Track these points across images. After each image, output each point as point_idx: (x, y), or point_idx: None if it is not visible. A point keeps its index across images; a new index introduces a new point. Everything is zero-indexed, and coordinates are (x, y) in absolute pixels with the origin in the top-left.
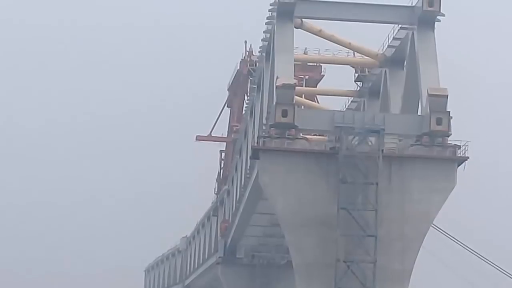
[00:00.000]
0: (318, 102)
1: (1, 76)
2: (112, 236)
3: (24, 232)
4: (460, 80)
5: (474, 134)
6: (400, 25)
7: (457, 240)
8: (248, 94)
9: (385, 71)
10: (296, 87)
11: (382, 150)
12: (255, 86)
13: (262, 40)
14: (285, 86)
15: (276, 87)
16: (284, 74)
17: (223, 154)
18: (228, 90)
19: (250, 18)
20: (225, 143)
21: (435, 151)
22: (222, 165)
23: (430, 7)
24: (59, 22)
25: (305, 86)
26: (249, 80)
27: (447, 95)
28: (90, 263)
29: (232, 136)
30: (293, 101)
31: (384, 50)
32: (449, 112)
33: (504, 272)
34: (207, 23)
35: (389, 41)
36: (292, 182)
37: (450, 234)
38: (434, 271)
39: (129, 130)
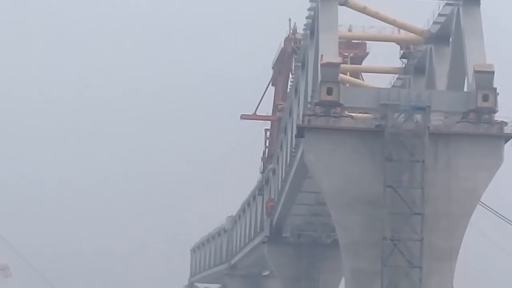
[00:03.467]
0: (363, 80)
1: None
2: (158, 216)
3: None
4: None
5: None
6: (445, 1)
7: (504, 217)
8: (293, 72)
9: (431, 47)
10: (341, 65)
11: (428, 127)
12: (300, 64)
13: (306, 18)
14: (329, 64)
15: (321, 65)
16: (329, 52)
17: (268, 133)
18: (272, 68)
19: None
20: (270, 121)
21: (481, 128)
22: (267, 144)
23: None
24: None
25: (350, 64)
26: (293, 58)
27: (494, 71)
28: (137, 242)
29: (277, 114)
30: (338, 79)
31: (429, 26)
32: (496, 88)
33: None
34: (251, 2)
35: (435, 17)
36: (338, 161)
37: (497, 211)
38: (482, 248)
39: (174, 108)
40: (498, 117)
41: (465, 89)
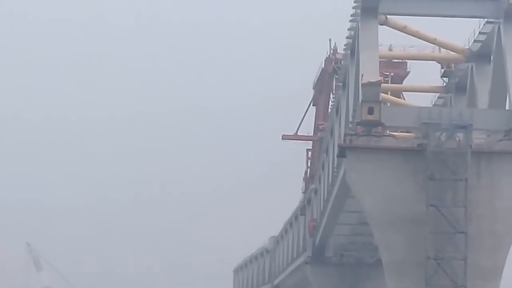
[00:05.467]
0: (404, 99)
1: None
2: (202, 236)
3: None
4: None
5: None
6: (486, 19)
7: None
8: (334, 92)
9: (472, 66)
10: (382, 84)
11: (471, 146)
12: (341, 84)
13: (346, 38)
14: (370, 84)
15: (362, 84)
16: (370, 71)
17: (310, 153)
18: (313, 88)
19: (335, 15)
20: (311, 141)
21: None
22: (308, 164)
23: None
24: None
25: (391, 83)
26: (334, 78)
27: None
28: (180, 262)
29: (318, 134)
30: (379, 98)
31: (470, 44)
32: None
33: None
34: (292, 22)
35: (475, 36)
36: (380, 180)
37: None
38: None
39: (217, 128)
40: None
41: (507, 107)
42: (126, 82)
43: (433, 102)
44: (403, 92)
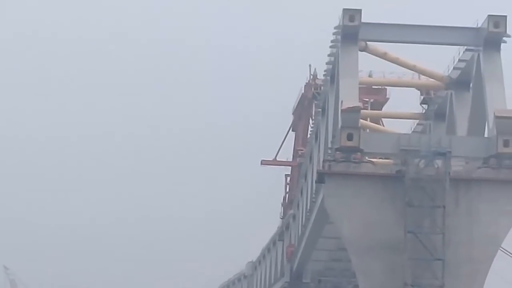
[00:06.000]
0: (383, 125)
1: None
2: (177, 261)
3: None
4: None
5: None
6: (465, 47)
7: None
8: (313, 118)
9: (451, 93)
10: (361, 110)
11: (449, 173)
12: (320, 109)
13: (326, 64)
14: (350, 110)
15: (341, 110)
16: (349, 97)
17: (288, 178)
18: (292, 114)
19: (314, 41)
20: (290, 167)
21: (502, 173)
22: (287, 189)
23: (496, 28)
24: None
25: (370, 109)
26: (313, 104)
27: None
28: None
29: (297, 160)
30: (358, 124)
31: (449, 72)
32: None
33: None
34: (272, 48)
35: (455, 63)
36: (358, 206)
37: None
38: None
39: (193, 153)
40: None
41: (486, 135)
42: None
43: (412, 129)
44: (383, 119)
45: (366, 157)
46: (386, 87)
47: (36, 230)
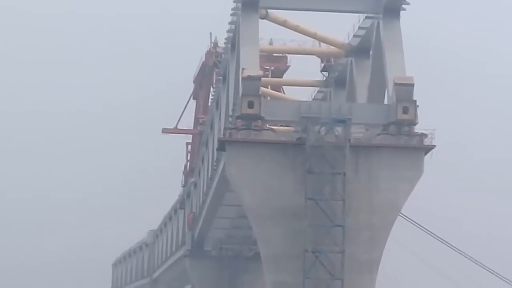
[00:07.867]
0: (284, 93)
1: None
2: (79, 229)
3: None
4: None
5: (440, 122)
6: (365, 15)
7: (424, 228)
8: (214, 86)
9: (351, 60)
10: (262, 78)
11: (349, 140)
12: (221, 77)
13: (227, 32)
14: (250, 78)
15: (242, 78)
16: (250, 65)
17: (190, 147)
18: (193, 82)
19: (215, 9)
20: (191, 135)
21: (402, 140)
22: (188, 158)
23: None
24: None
25: (271, 77)
26: (214, 72)
27: (413, 84)
28: (57, 256)
29: (198, 128)
30: (259, 92)
31: (349, 39)
32: (416, 101)
33: (470, 258)
34: (171, 16)
35: (355, 31)
36: (259, 174)
37: (417, 222)
38: (402, 259)
39: (94, 123)
40: (418, 129)
41: (386, 102)
42: None
43: (313, 96)
44: (283, 86)
45: (267, 125)
46: (286, 54)
47: None
